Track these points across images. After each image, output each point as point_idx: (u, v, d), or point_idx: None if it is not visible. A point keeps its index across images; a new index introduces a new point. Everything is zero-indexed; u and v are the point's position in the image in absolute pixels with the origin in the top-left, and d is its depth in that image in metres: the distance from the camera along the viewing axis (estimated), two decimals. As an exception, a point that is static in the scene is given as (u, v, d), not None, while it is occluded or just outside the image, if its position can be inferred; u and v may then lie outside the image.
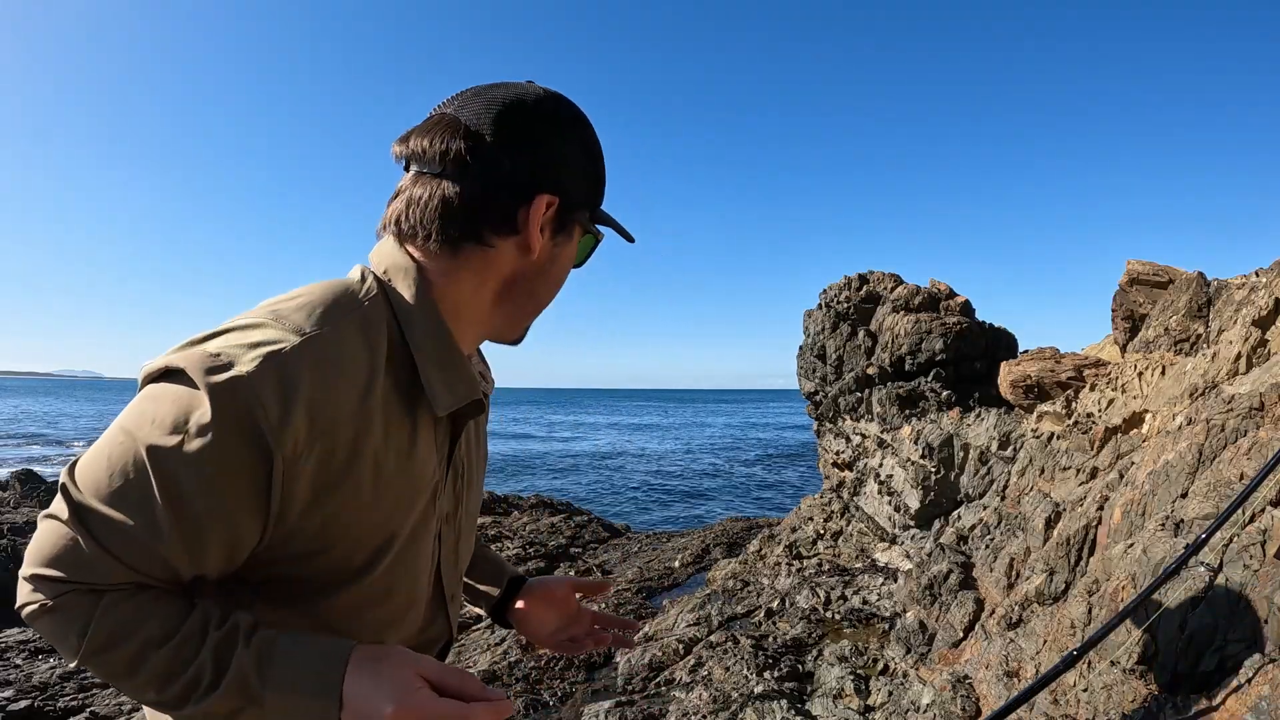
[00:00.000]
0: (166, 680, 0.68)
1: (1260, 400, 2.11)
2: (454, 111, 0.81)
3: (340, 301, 0.75)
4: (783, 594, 4.33)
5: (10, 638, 4.61)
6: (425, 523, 0.84)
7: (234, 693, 0.68)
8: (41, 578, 0.68)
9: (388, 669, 0.68)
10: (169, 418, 0.66)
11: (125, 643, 0.68)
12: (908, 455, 5.24)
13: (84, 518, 0.67)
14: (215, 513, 0.67)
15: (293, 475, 0.68)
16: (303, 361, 0.68)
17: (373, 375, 0.73)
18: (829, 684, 3.01)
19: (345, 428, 0.71)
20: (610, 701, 3.11)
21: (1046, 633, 2.29)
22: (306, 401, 0.67)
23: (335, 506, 0.72)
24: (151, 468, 0.66)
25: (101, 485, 0.67)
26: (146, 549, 0.67)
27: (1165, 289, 4.30)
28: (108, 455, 0.67)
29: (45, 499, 8.94)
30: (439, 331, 0.80)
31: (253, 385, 0.65)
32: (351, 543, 0.76)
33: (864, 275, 6.97)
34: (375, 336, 0.75)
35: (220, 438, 0.65)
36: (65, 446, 26.02)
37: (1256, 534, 1.65)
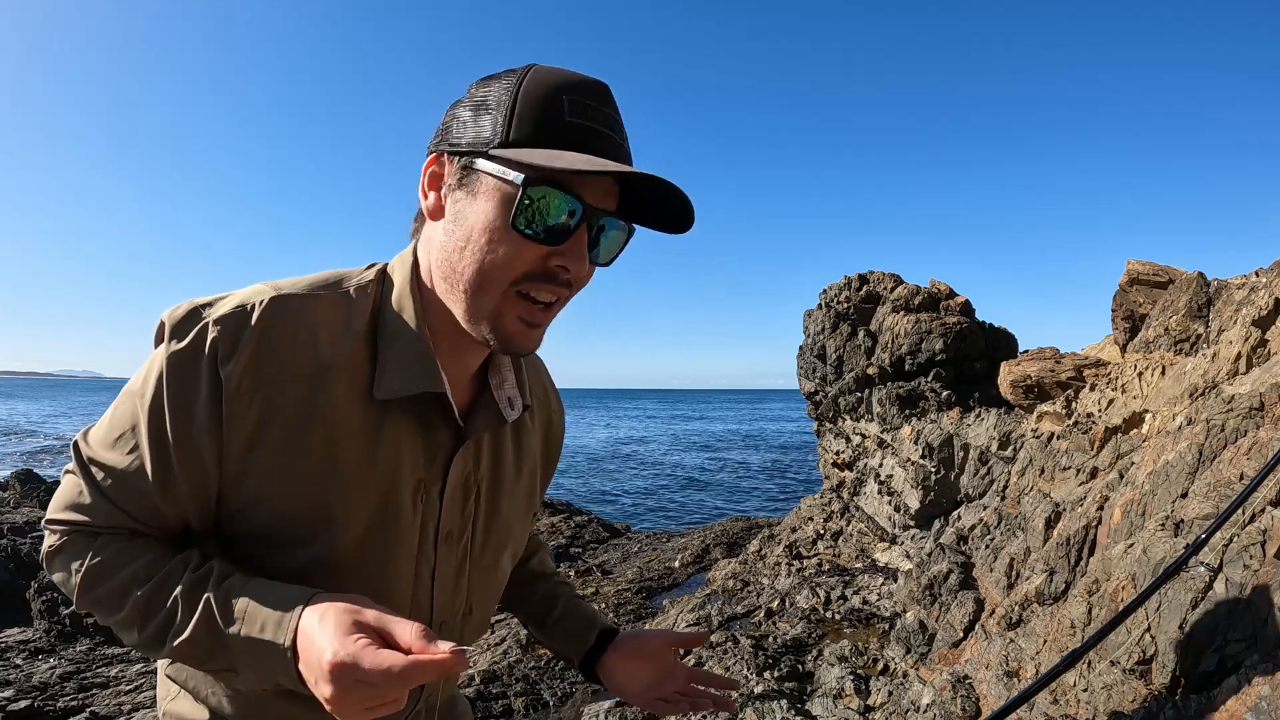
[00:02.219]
0: (145, 617, 0.74)
1: (1260, 400, 2.12)
2: None
3: (331, 280, 0.81)
4: (783, 594, 4.33)
5: (10, 638, 4.61)
6: (393, 522, 0.81)
7: (201, 629, 0.71)
8: (52, 520, 0.79)
9: (332, 616, 0.66)
10: (150, 366, 0.75)
11: (111, 577, 0.75)
12: (908, 455, 5.24)
13: (88, 467, 0.76)
14: (181, 444, 0.73)
15: (236, 413, 0.73)
16: (267, 314, 0.74)
17: (336, 347, 0.77)
18: (829, 684, 3.01)
19: (296, 385, 0.75)
20: (610, 701, 3.11)
21: (1046, 633, 2.29)
22: (256, 344, 0.73)
23: (278, 460, 0.75)
24: (134, 411, 0.75)
25: (103, 436, 0.77)
26: (132, 488, 0.75)
27: (1165, 289, 4.30)
28: (112, 408, 0.77)
29: (45, 499, 8.95)
30: (406, 317, 0.80)
31: (216, 325, 0.72)
32: (292, 505, 0.77)
33: (864, 275, 6.98)
34: (355, 316, 0.79)
35: (180, 372, 0.72)
36: (64, 441, 26.03)
37: (1256, 534, 1.65)
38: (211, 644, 0.71)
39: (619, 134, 0.75)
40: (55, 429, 34.58)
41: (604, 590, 5.55)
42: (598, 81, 0.75)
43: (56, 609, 4.77)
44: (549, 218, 0.71)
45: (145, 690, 3.84)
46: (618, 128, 0.75)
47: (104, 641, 4.55)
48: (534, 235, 0.72)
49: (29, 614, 4.87)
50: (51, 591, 4.93)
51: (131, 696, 3.76)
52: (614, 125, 0.74)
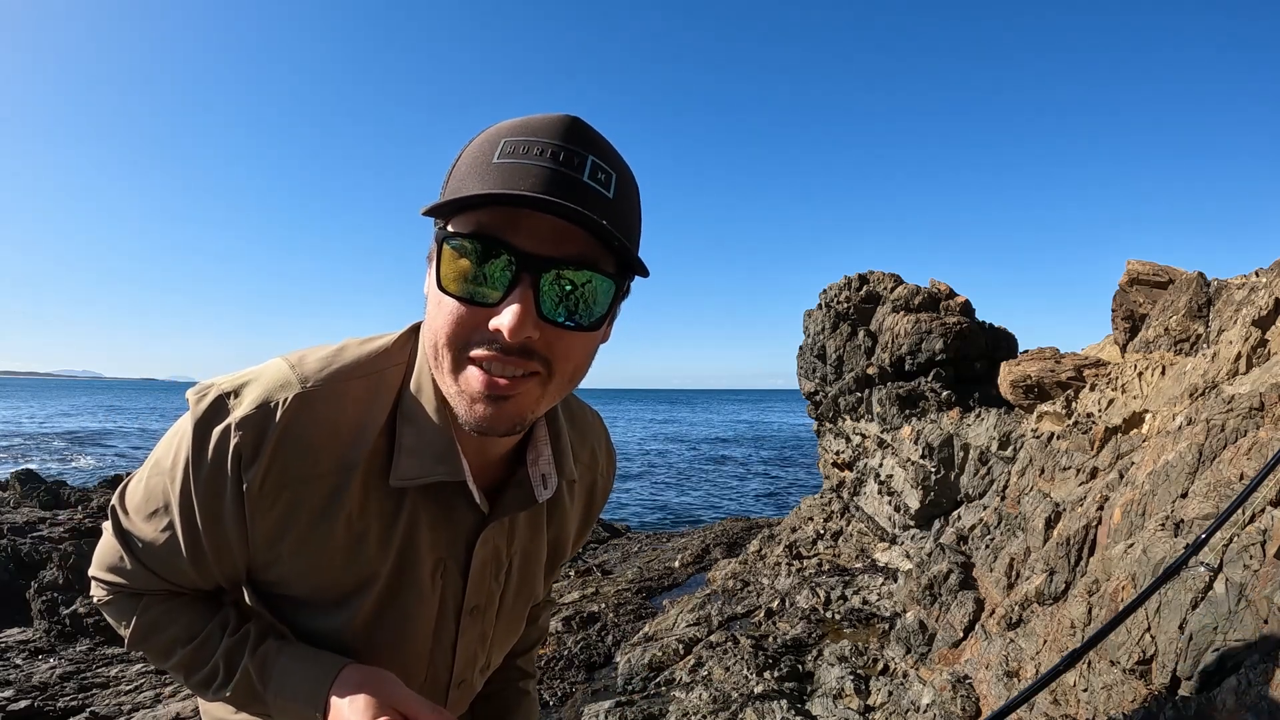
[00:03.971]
0: (190, 670, 0.82)
1: (1260, 400, 2.11)
2: None
3: (363, 362, 0.78)
4: (783, 594, 4.33)
5: (10, 638, 4.61)
6: (410, 598, 0.82)
7: (241, 691, 0.79)
8: (96, 578, 0.86)
9: (365, 694, 0.73)
10: (178, 449, 0.75)
11: (157, 637, 0.83)
12: (908, 455, 5.24)
13: (124, 536, 0.81)
14: (209, 532, 0.76)
15: (259, 512, 0.74)
16: (289, 415, 0.72)
17: (358, 440, 0.75)
18: (829, 684, 3.01)
19: (318, 483, 0.75)
20: (610, 701, 3.11)
21: (1046, 633, 2.29)
22: (277, 447, 0.72)
23: (300, 548, 0.77)
24: (165, 490, 0.77)
25: (138, 507, 0.80)
26: (168, 563, 0.79)
27: (1165, 289, 4.30)
28: (145, 481, 0.79)
29: (45, 499, 8.94)
30: (425, 399, 0.77)
31: (239, 430, 0.72)
32: (314, 583, 0.80)
33: (864, 275, 6.97)
34: (379, 402, 0.77)
35: (204, 472, 0.73)
36: (64, 442, 26.05)
37: (1256, 534, 1.65)
38: (250, 701, 0.80)
39: (571, 164, 0.64)
40: (56, 429, 34.59)
41: (604, 590, 5.55)
42: (556, 118, 0.66)
43: (56, 609, 4.77)
44: (472, 272, 0.63)
45: (145, 690, 3.84)
46: (570, 158, 0.64)
47: (104, 641, 4.55)
48: (456, 294, 0.64)
49: (29, 614, 4.87)
50: (51, 591, 4.93)
51: (131, 696, 3.76)
52: (563, 156, 0.64)
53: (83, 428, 36.53)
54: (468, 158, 0.67)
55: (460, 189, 0.64)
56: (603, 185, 0.65)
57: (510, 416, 0.69)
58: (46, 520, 7.87)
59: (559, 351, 0.68)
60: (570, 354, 0.69)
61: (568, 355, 0.68)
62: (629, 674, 3.47)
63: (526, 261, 0.63)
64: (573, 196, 0.62)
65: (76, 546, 5.45)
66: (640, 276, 0.71)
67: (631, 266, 0.68)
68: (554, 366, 0.68)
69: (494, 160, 0.64)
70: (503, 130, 0.66)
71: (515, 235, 0.63)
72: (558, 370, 0.69)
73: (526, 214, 0.63)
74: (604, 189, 0.66)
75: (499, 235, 0.63)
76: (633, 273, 0.70)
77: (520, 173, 0.62)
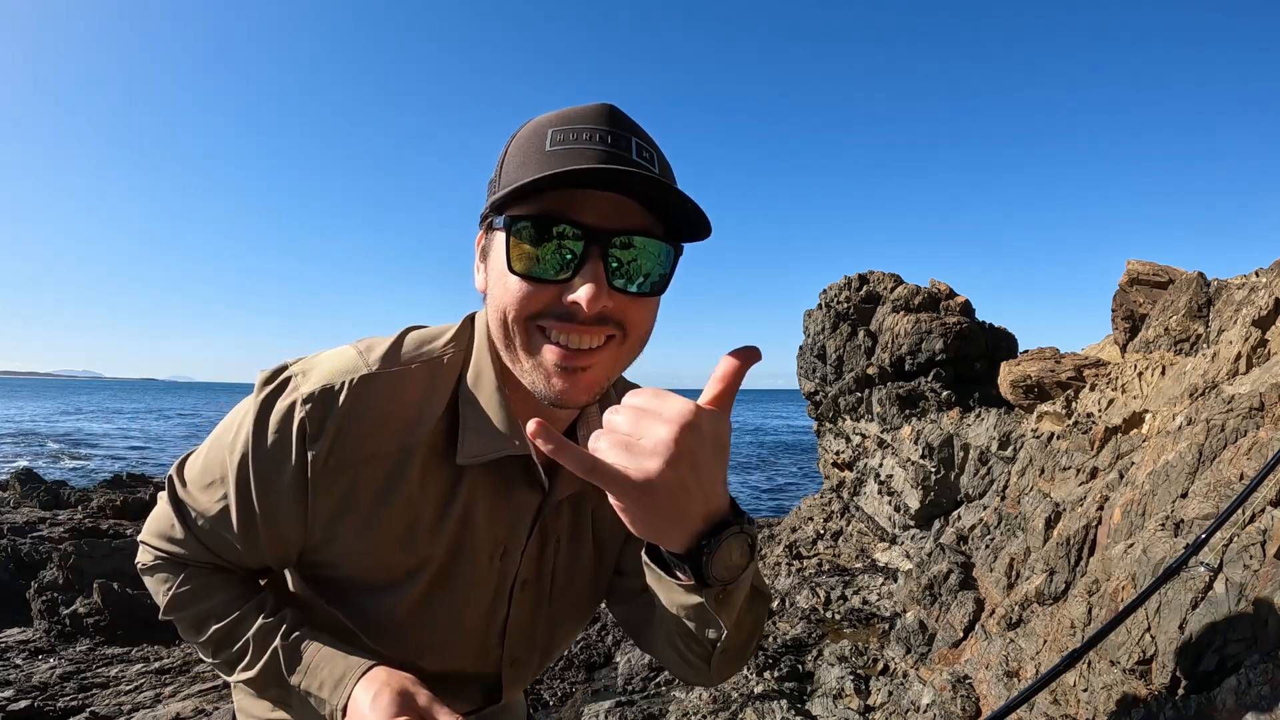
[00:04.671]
0: (218, 647, 0.83)
1: (1260, 400, 2.11)
2: None
3: (423, 349, 0.81)
4: (783, 594, 4.33)
5: (10, 638, 4.60)
6: (465, 578, 0.84)
7: (267, 673, 0.80)
8: (146, 543, 0.87)
9: (385, 697, 0.73)
10: (241, 423, 0.77)
11: (193, 608, 0.84)
12: (908, 455, 5.24)
13: (181, 505, 0.83)
14: (266, 510, 0.77)
15: (321, 489, 0.75)
16: (353, 395, 0.75)
17: (420, 422, 0.77)
18: (829, 684, 3.01)
19: (380, 463, 0.77)
20: (610, 701, 3.11)
21: (1046, 633, 2.29)
22: (342, 426, 0.74)
23: (360, 527, 0.79)
24: (225, 463, 0.78)
25: (197, 479, 0.81)
26: (218, 535, 0.81)
27: (1165, 289, 4.30)
28: (205, 453, 0.82)
29: (45, 499, 8.93)
30: (485, 380, 0.80)
31: (305, 405, 0.74)
32: (370, 563, 0.81)
33: (864, 275, 6.97)
34: (440, 385, 0.79)
35: (268, 446, 0.75)
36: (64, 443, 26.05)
37: (1256, 534, 1.65)
38: (272, 684, 0.81)
39: (620, 145, 0.69)
40: (56, 429, 34.58)
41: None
42: (595, 106, 0.71)
43: (56, 609, 4.77)
44: (540, 252, 0.67)
45: (145, 690, 3.84)
46: (617, 139, 0.69)
47: (104, 641, 4.55)
48: (529, 274, 0.68)
49: (29, 614, 4.86)
50: (51, 591, 4.93)
51: (131, 696, 3.76)
52: (610, 139, 0.69)
53: (81, 428, 36.54)
54: (516, 152, 0.71)
55: (517, 178, 0.67)
56: (648, 162, 0.71)
57: (588, 386, 0.72)
58: (46, 520, 7.86)
59: (631, 318, 0.72)
60: (640, 319, 0.73)
61: (638, 320, 0.73)
62: (629, 674, 3.47)
63: (594, 235, 0.66)
64: (626, 173, 0.65)
65: (76, 546, 5.45)
66: (698, 240, 0.74)
67: (684, 231, 0.73)
68: (627, 331, 0.72)
69: (546, 149, 0.68)
70: (545, 123, 0.71)
71: (579, 213, 0.66)
72: (630, 335, 0.73)
73: (586, 193, 0.66)
74: (650, 165, 0.71)
75: (565, 214, 0.66)
76: (684, 238, 0.75)
77: (574, 156, 0.66)
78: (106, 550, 5.56)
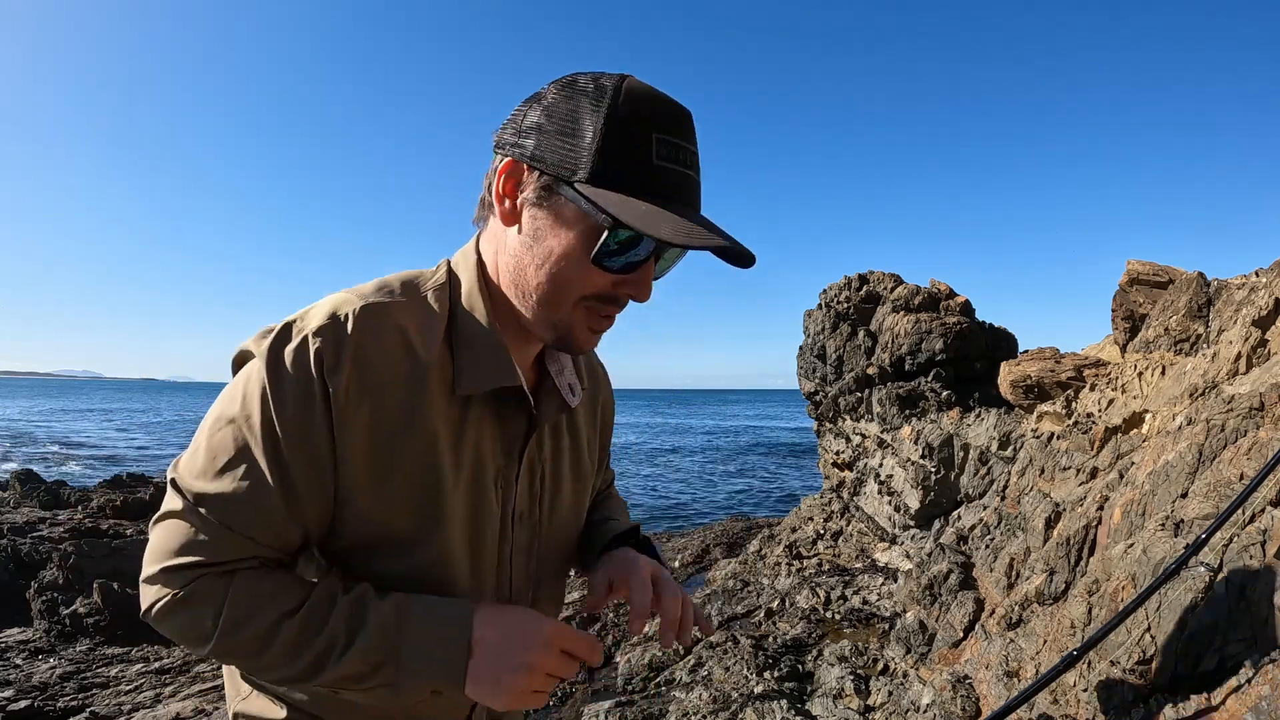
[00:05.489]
0: (298, 648, 0.74)
1: (1260, 400, 2.11)
2: None
3: (407, 281, 0.83)
4: (783, 594, 4.34)
5: (10, 638, 4.61)
6: (484, 508, 0.86)
7: (373, 645, 0.73)
8: (169, 569, 0.74)
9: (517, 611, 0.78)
10: (247, 388, 0.75)
11: (259, 615, 0.74)
12: (908, 455, 5.24)
13: (198, 502, 0.74)
14: (300, 455, 0.74)
15: (347, 420, 0.74)
16: (360, 322, 0.75)
17: (426, 348, 0.79)
18: (829, 684, 3.01)
19: (397, 389, 0.77)
20: (610, 701, 3.11)
21: (1046, 633, 2.29)
22: (356, 351, 0.74)
23: (385, 464, 0.77)
24: (239, 435, 0.74)
25: (205, 467, 0.74)
26: (257, 512, 0.74)
27: (1165, 289, 4.30)
28: (205, 440, 0.76)
29: (45, 499, 8.93)
30: (478, 315, 0.83)
31: (316, 336, 0.74)
32: (400, 508, 0.80)
33: (864, 275, 6.98)
34: (430, 317, 0.81)
35: (288, 386, 0.73)
36: (65, 446, 26.03)
37: (1256, 534, 1.65)
38: (380, 657, 0.74)
39: (695, 169, 0.76)
40: (56, 429, 34.57)
41: (604, 590, 5.55)
42: (682, 112, 0.75)
43: (56, 609, 4.77)
44: (625, 256, 0.75)
45: (145, 690, 3.84)
46: (695, 161, 0.76)
47: (104, 641, 4.55)
48: (609, 268, 0.76)
49: (29, 614, 4.87)
50: (51, 591, 4.93)
51: (131, 696, 3.76)
52: (693, 161, 0.75)
53: (81, 428, 36.51)
54: (622, 145, 0.71)
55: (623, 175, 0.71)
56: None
57: (595, 341, 0.84)
58: (46, 520, 7.87)
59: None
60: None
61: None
62: (629, 674, 3.47)
63: (662, 247, 0.75)
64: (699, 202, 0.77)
65: (76, 546, 5.46)
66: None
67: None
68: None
69: (654, 161, 0.72)
70: (649, 118, 0.72)
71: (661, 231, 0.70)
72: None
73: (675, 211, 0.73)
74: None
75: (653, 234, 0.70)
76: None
77: (675, 182, 0.73)
78: (106, 550, 5.56)
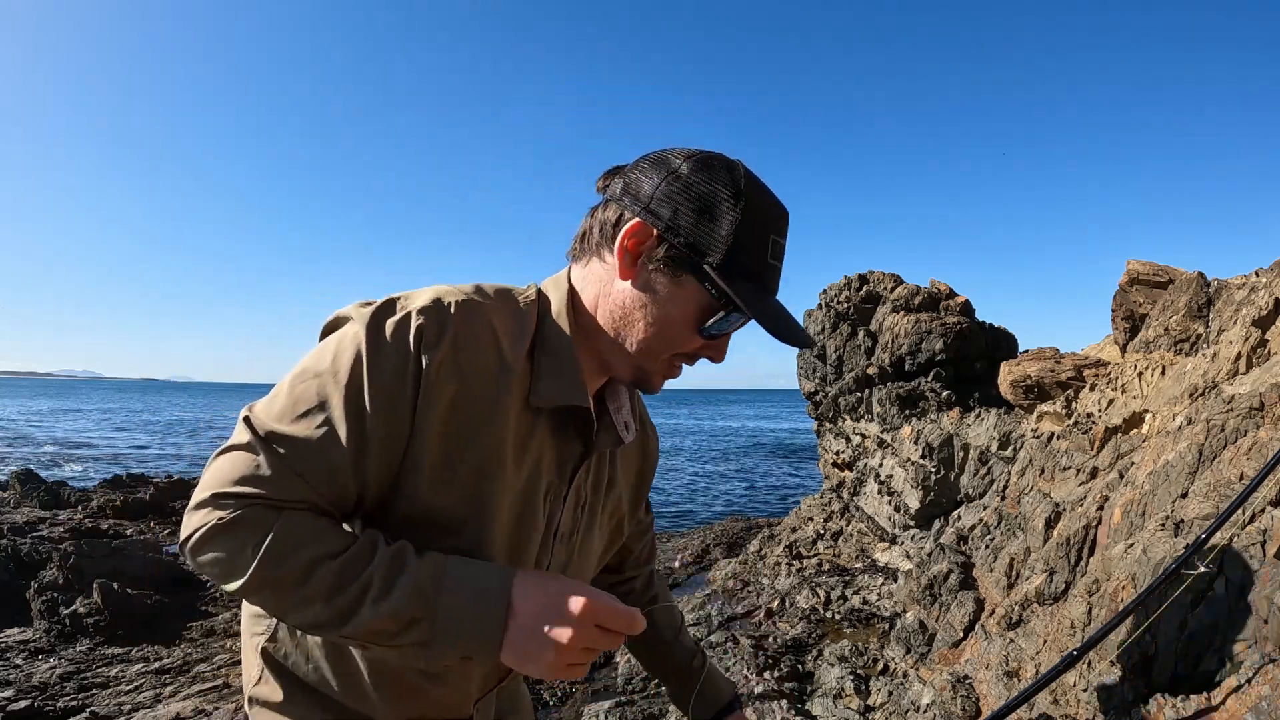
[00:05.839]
0: (334, 591, 0.74)
1: (1260, 400, 2.12)
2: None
3: (502, 291, 0.89)
4: (783, 594, 4.34)
5: (10, 638, 4.61)
6: (530, 518, 0.90)
7: (408, 598, 0.74)
8: (225, 494, 0.75)
9: (559, 581, 0.78)
10: (340, 346, 0.79)
11: (301, 552, 0.74)
12: (908, 455, 5.24)
13: (268, 440, 0.76)
14: (380, 417, 0.77)
15: (432, 398, 0.78)
16: (461, 311, 0.81)
17: (513, 352, 0.84)
18: (829, 684, 3.01)
19: (483, 381, 0.82)
20: (610, 701, 3.11)
21: (1046, 633, 2.29)
22: (455, 336, 0.79)
23: (454, 446, 0.81)
24: (324, 388, 0.77)
25: (284, 411, 0.77)
26: (320, 459, 0.76)
27: (1165, 289, 4.30)
28: (288, 388, 0.79)
29: (45, 499, 8.92)
30: (561, 331, 0.89)
31: (420, 315, 0.79)
32: (454, 492, 0.83)
33: (864, 275, 6.97)
34: (521, 328, 0.87)
35: (385, 352, 0.78)
36: (64, 448, 26.02)
37: (1256, 534, 1.65)
38: (416, 613, 0.74)
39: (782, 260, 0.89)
40: (56, 429, 34.58)
41: (604, 590, 5.55)
42: (787, 214, 0.88)
43: (56, 609, 4.77)
44: (723, 329, 0.86)
45: (145, 690, 3.84)
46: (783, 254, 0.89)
47: (104, 641, 4.55)
48: (707, 335, 0.87)
49: (29, 614, 4.86)
50: (51, 591, 4.93)
51: (131, 696, 3.76)
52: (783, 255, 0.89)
53: (81, 428, 36.54)
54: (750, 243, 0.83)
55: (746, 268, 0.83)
56: None
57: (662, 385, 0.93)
58: (46, 520, 7.86)
59: None
60: None
61: None
62: (629, 674, 3.46)
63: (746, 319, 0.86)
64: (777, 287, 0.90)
65: (76, 546, 5.45)
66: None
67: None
68: None
69: (768, 259, 0.85)
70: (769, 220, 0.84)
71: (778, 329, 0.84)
72: None
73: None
74: None
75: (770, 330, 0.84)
76: None
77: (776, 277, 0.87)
78: (106, 550, 5.56)
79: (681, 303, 0.84)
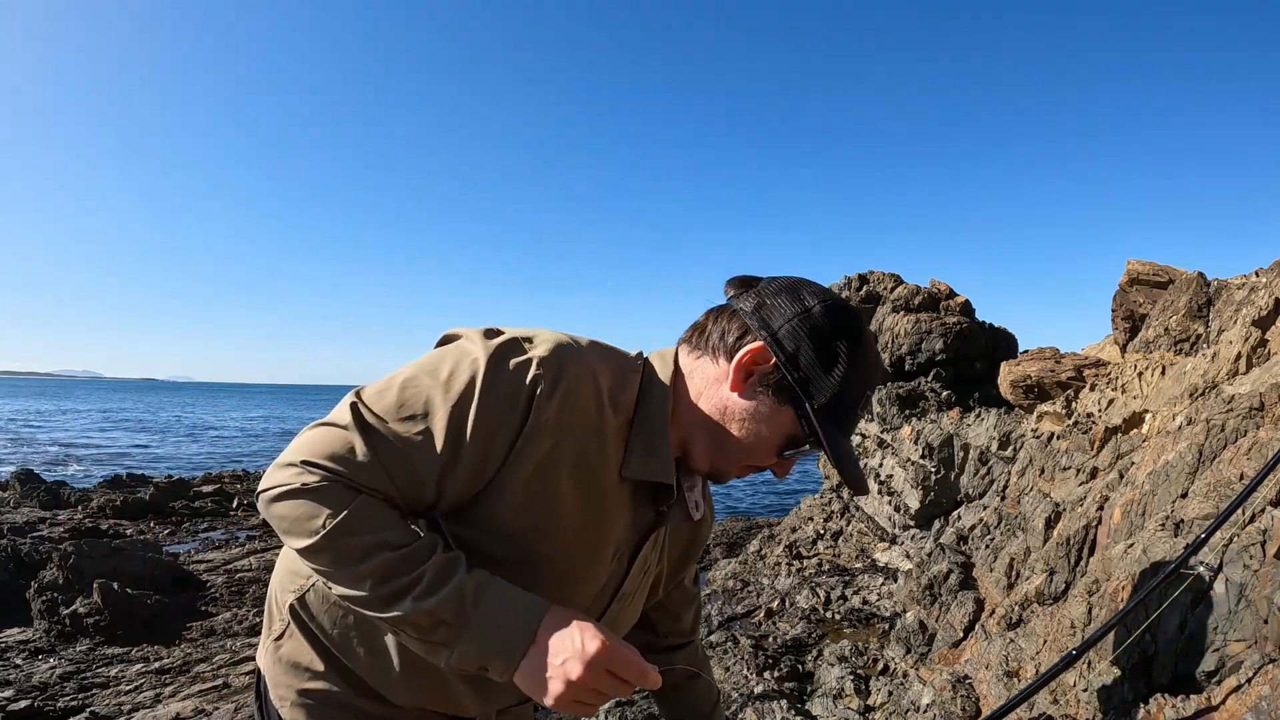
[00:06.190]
0: (386, 577, 0.79)
1: (1260, 400, 2.11)
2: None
3: (615, 353, 0.95)
4: (783, 594, 4.34)
5: (10, 638, 4.60)
6: (596, 571, 0.95)
7: (447, 603, 0.78)
8: (313, 463, 0.79)
9: (591, 622, 0.81)
10: (459, 365, 0.83)
11: (367, 534, 0.79)
12: (908, 455, 5.24)
13: (369, 430, 0.81)
14: (478, 446, 0.81)
15: (533, 445, 0.82)
16: (576, 366, 0.85)
17: (615, 415, 0.89)
18: (829, 684, 3.01)
19: (581, 437, 0.86)
20: (610, 701, 3.11)
21: (1046, 633, 2.29)
22: (567, 392, 0.84)
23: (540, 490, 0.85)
24: (434, 399, 0.82)
25: (390, 409, 0.82)
26: (410, 462, 0.81)
27: (1165, 289, 4.30)
28: (399, 387, 0.83)
29: (45, 499, 8.92)
30: (659, 409, 0.93)
31: (540, 366, 0.83)
32: (521, 527, 0.86)
33: (864, 275, 6.97)
34: (626, 392, 0.92)
35: (500, 389, 0.82)
36: (65, 448, 26.00)
37: (1256, 534, 1.65)
38: (448, 617, 0.79)
39: None
40: (56, 429, 34.57)
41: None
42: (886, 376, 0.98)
43: (56, 609, 4.77)
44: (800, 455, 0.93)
45: (145, 690, 3.84)
46: None
47: (104, 641, 4.54)
48: (781, 456, 0.93)
49: (29, 614, 4.86)
50: (51, 591, 4.93)
51: (131, 696, 3.76)
52: None
53: (81, 428, 36.53)
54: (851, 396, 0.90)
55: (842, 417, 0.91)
56: None
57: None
58: (46, 520, 7.86)
59: None
60: None
61: None
62: (629, 674, 3.47)
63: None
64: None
65: (76, 546, 5.45)
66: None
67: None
68: None
69: (858, 411, 0.92)
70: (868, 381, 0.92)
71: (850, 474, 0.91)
72: None
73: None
74: None
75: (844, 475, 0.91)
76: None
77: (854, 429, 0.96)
78: (106, 550, 5.56)
79: (776, 426, 0.91)
